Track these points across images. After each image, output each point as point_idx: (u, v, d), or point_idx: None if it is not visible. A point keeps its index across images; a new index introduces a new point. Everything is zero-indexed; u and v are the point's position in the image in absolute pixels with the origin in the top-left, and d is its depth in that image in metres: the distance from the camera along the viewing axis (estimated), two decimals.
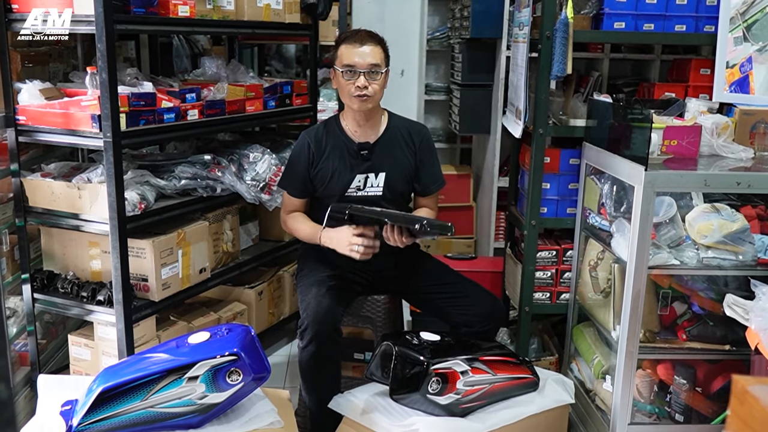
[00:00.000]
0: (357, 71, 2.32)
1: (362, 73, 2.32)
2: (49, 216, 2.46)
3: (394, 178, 2.46)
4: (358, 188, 2.44)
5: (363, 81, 2.32)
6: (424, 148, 2.52)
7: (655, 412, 2.40)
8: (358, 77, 2.32)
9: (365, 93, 2.33)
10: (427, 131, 2.57)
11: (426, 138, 2.54)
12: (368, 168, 2.44)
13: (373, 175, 2.44)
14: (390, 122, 2.51)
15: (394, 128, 2.50)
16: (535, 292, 2.78)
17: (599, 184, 2.52)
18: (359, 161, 2.44)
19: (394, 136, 2.48)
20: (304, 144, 2.48)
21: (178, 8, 2.46)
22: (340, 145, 2.45)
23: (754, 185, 2.18)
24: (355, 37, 2.35)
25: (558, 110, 2.77)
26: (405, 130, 2.51)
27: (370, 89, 2.34)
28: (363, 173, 2.44)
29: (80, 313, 2.48)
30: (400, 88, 4.74)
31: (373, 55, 2.33)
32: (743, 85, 2.54)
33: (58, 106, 2.37)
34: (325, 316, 2.21)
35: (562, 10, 2.48)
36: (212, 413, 1.95)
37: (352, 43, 2.34)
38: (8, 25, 2.35)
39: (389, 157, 2.46)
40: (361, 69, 2.32)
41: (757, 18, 2.50)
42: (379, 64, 2.34)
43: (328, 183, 2.44)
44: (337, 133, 2.47)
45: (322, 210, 2.39)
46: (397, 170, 2.46)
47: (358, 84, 2.32)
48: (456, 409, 2.13)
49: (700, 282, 2.36)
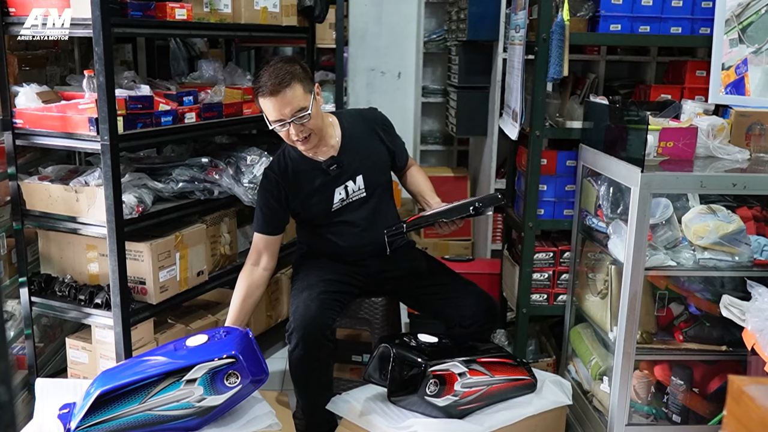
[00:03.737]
0: (286, 122, 2.21)
1: (291, 122, 2.21)
2: (46, 219, 2.46)
3: (371, 175, 2.43)
4: (342, 200, 2.40)
5: (296, 129, 2.22)
6: (387, 129, 2.51)
7: (652, 413, 2.40)
8: (290, 127, 2.22)
9: (303, 136, 2.25)
10: (378, 112, 2.54)
11: (381, 119, 2.52)
12: (344, 178, 2.39)
13: (351, 182, 2.41)
14: (342, 125, 2.43)
15: (351, 127, 2.44)
16: (533, 294, 2.79)
17: (596, 185, 2.53)
18: (332, 177, 2.38)
19: (354, 136, 2.43)
20: (271, 181, 2.38)
21: (175, 11, 2.46)
22: (307, 170, 2.37)
23: (750, 187, 2.19)
24: (265, 86, 2.17)
25: (554, 112, 2.78)
26: (360, 124, 2.46)
27: (306, 130, 2.24)
28: (341, 185, 2.39)
29: (78, 317, 2.48)
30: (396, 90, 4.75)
31: (292, 101, 2.17)
32: (739, 87, 2.55)
33: (55, 109, 2.37)
34: (311, 320, 2.21)
35: (559, 12, 2.49)
36: (210, 416, 1.95)
37: (264, 95, 2.18)
38: (5, 28, 2.35)
39: (358, 158, 2.41)
40: (287, 120, 2.20)
41: (752, 20, 2.51)
42: (304, 107, 2.19)
43: (311, 209, 2.40)
44: (298, 160, 2.38)
45: (313, 232, 2.45)
46: (370, 165, 2.43)
47: (291, 134, 2.23)
48: (454, 410, 2.13)
49: (697, 283, 2.37)
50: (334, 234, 2.43)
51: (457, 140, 4.84)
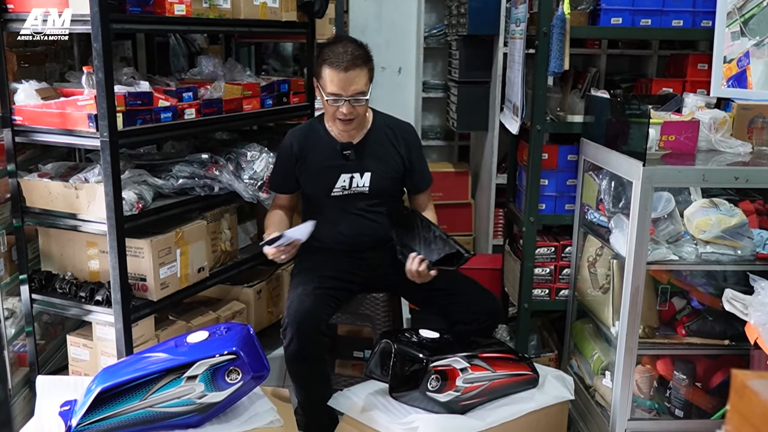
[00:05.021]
0: (342, 99, 2.27)
1: (347, 100, 2.27)
2: (46, 216, 2.45)
3: (379, 178, 2.45)
4: (343, 188, 2.44)
5: (347, 108, 2.28)
6: (412, 147, 2.51)
7: (654, 407, 2.40)
8: (343, 104, 2.28)
9: (349, 117, 2.31)
10: (413, 130, 2.57)
11: (413, 137, 2.54)
12: (353, 168, 2.43)
13: (358, 175, 2.43)
14: (375, 121, 2.49)
15: (380, 127, 2.48)
16: (534, 289, 2.78)
17: (597, 180, 2.52)
18: (343, 161, 2.43)
19: (379, 136, 2.47)
20: (288, 142, 2.50)
21: (174, 7, 2.45)
22: (323, 145, 2.45)
23: (752, 180, 2.18)
24: (340, 61, 2.24)
25: (555, 107, 2.77)
26: (390, 130, 2.49)
27: (355, 113, 2.31)
28: (348, 173, 2.43)
29: (79, 314, 2.48)
30: (397, 85, 4.74)
31: (358, 82, 2.26)
32: (741, 80, 2.54)
33: (54, 106, 2.36)
34: (305, 316, 2.21)
35: (559, 6, 2.48)
36: (211, 412, 1.95)
37: (335, 68, 2.24)
38: (4, 25, 2.34)
39: (375, 157, 2.45)
40: (345, 97, 2.27)
41: (754, 12, 2.50)
42: (364, 91, 2.29)
43: (312, 183, 2.45)
44: (321, 133, 2.46)
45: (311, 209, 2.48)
46: (382, 169, 2.45)
47: (342, 110, 2.29)
48: (455, 406, 2.13)
49: (699, 277, 2.36)
50: (334, 222, 2.45)
51: (458, 135, 4.83)
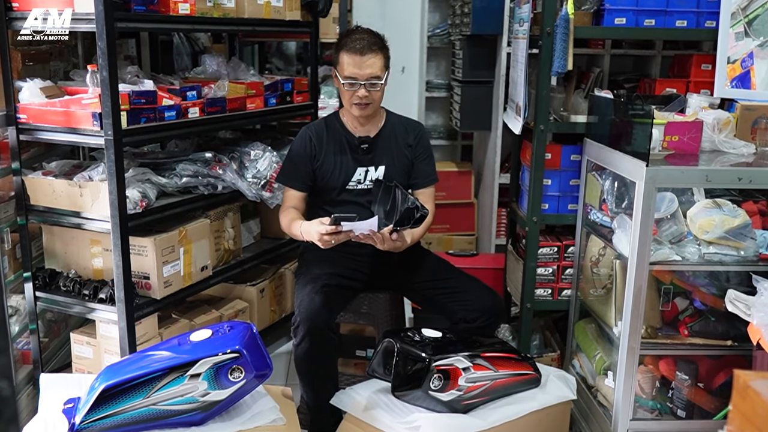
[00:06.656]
0: (357, 83, 2.34)
1: (362, 84, 2.34)
2: (50, 214, 2.46)
3: (393, 172, 2.49)
4: (358, 181, 2.48)
5: (363, 92, 2.36)
6: (420, 145, 2.55)
7: (657, 407, 2.40)
8: (359, 88, 2.35)
9: (365, 102, 2.37)
10: (423, 128, 2.61)
11: (422, 135, 2.58)
12: (369, 161, 2.48)
13: (373, 168, 2.49)
14: (388, 119, 2.55)
15: (392, 125, 2.54)
16: (537, 289, 2.78)
17: (600, 180, 2.52)
18: (360, 155, 2.48)
19: (392, 132, 2.53)
20: (305, 138, 2.51)
21: (178, 6, 2.45)
22: (340, 140, 2.49)
23: (756, 181, 2.18)
24: (357, 45, 2.34)
25: (559, 106, 2.77)
26: (402, 128, 2.55)
27: (370, 98, 2.38)
28: (364, 166, 2.48)
29: (82, 311, 2.48)
30: (400, 85, 4.73)
31: (373, 66, 2.34)
32: (744, 81, 2.53)
33: (59, 104, 2.37)
34: (316, 314, 2.22)
35: (563, 6, 2.48)
36: (214, 411, 1.95)
37: (352, 53, 2.34)
38: (9, 23, 2.34)
39: (388, 151, 2.50)
40: (361, 81, 2.34)
41: (758, 13, 2.49)
42: (379, 76, 2.36)
43: (329, 177, 2.48)
44: (337, 128, 2.51)
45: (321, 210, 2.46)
46: (395, 164, 2.50)
47: (358, 94, 2.36)
48: (458, 405, 2.13)
49: (702, 278, 2.36)
50: None
51: (461, 135, 4.83)
